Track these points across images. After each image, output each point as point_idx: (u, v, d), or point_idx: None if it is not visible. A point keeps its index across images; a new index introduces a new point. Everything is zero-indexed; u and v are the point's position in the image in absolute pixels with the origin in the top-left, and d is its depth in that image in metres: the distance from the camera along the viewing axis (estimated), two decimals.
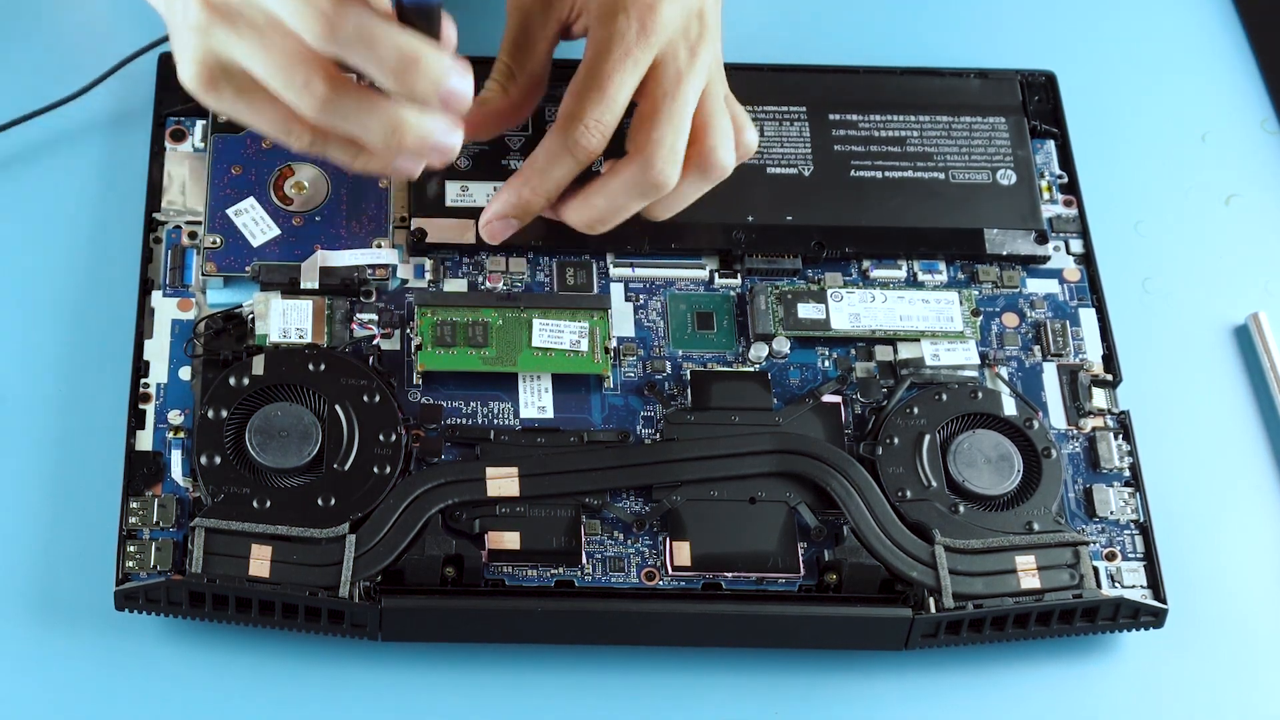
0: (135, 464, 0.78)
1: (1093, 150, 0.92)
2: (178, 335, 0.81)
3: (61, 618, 0.76)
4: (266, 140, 0.85)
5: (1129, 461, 0.82)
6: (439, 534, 0.76)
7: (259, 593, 0.74)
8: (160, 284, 0.83)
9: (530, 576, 0.77)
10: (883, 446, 0.80)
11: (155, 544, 0.76)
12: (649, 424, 0.82)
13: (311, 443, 0.78)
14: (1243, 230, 0.92)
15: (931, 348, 0.84)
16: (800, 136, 0.89)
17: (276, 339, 0.81)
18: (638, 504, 0.79)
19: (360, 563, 0.75)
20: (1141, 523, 0.81)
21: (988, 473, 0.80)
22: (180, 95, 0.87)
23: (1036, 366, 0.85)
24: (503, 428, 0.80)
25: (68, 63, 0.90)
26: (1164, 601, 0.79)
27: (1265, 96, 0.97)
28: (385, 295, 0.83)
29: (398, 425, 0.78)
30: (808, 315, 0.84)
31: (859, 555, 0.77)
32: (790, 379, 0.83)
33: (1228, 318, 0.89)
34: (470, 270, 0.85)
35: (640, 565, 0.78)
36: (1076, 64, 0.94)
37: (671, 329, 0.84)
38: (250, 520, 0.75)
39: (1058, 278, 0.87)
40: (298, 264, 0.82)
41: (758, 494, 0.79)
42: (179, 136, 0.87)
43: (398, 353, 0.82)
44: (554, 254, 0.85)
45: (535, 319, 0.82)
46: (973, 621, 0.77)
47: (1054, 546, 0.78)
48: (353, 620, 0.75)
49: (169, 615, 0.75)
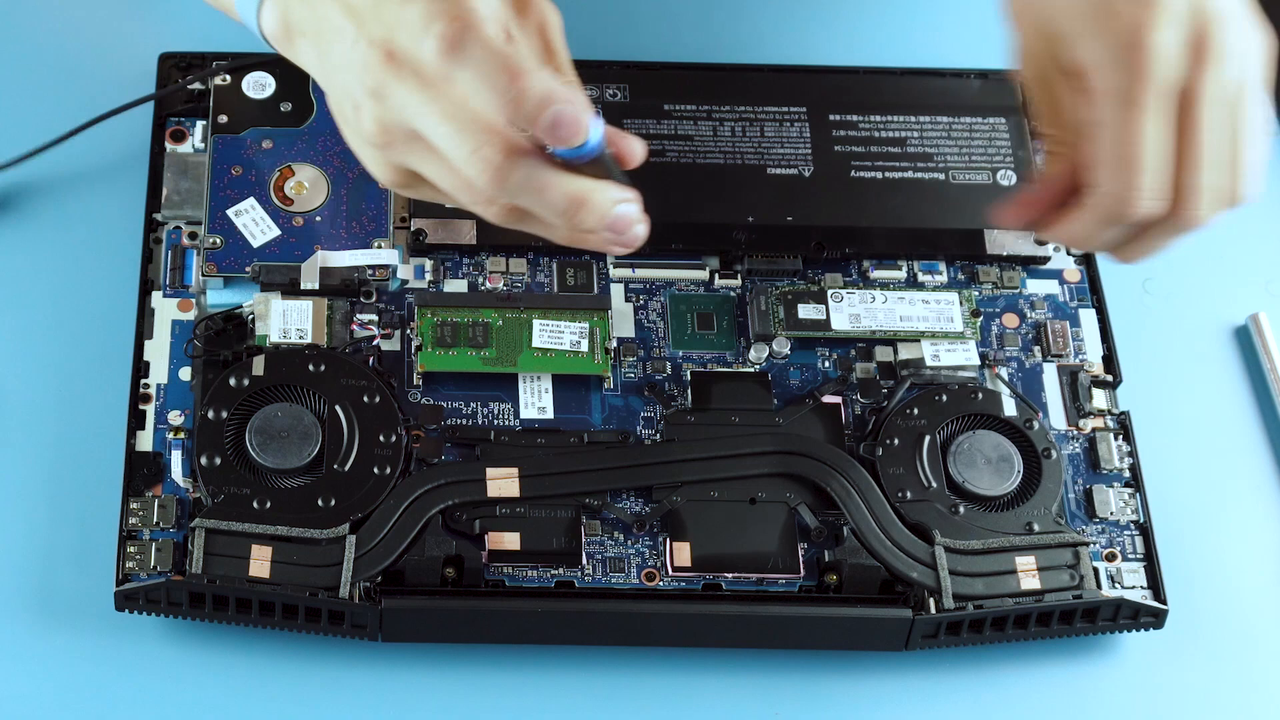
0: (135, 464, 0.78)
1: None
2: (178, 336, 0.81)
3: (61, 618, 0.76)
4: (267, 140, 0.85)
5: (1129, 462, 0.82)
6: (439, 534, 0.76)
7: (259, 593, 0.74)
8: (160, 284, 0.83)
9: (530, 577, 0.77)
10: (883, 447, 0.80)
11: (155, 544, 0.76)
12: (649, 424, 0.82)
13: (311, 443, 0.78)
14: (1243, 230, 0.92)
15: (931, 348, 0.84)
16: (800, 137, 0.89)
17: (276, 339, 0.81)
18: (638, 504, 0.79)
19: (360, 563, 0.75)
20: (1141, 523, 0.81)
21: (988, 473, 0.80)
22: (180, 95, 0.88)
23: (1036, 367, 0.85)
24: (503, 428, 0.80)
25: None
26: (1164, 602, 0.79)
27: None
28: (385, 296, 0.83)
29: (398, 426, 0.78)
30: (808, 316, 0.84)
31: (859, 556, 0.77)
32: (790, 379, 0.83)
33: (1228, 318, 0.89)
34: (470, 271, 0.85)
35: (640, 566, 0.78)
36: None
37: (672, 329, 0.84)
38: (250, 521, 0.75)
39: (1058, 278, 0.87)
40: (298, 264, 0.82)
41: (758, 494, 0.79)
42: (179, 137, 0.87)
43: (398, 353, 0.82)
44: (554, 254, 0.85)
45: (535, 319, 0.82)
46: (973, 622, 0.77)
47: (1054, 547, 0.78)
48: (353, 621, 0.75)
49: (169, 615, 0.75)
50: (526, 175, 0.66)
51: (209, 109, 0.86)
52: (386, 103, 0.67)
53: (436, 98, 0.66)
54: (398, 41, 0.67)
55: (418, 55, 0.66)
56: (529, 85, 0.65)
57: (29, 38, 0.92)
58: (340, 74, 0.69)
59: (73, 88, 0.90)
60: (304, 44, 0.72)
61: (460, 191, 0.68)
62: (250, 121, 0.86)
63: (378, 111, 0.67)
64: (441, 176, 0.68)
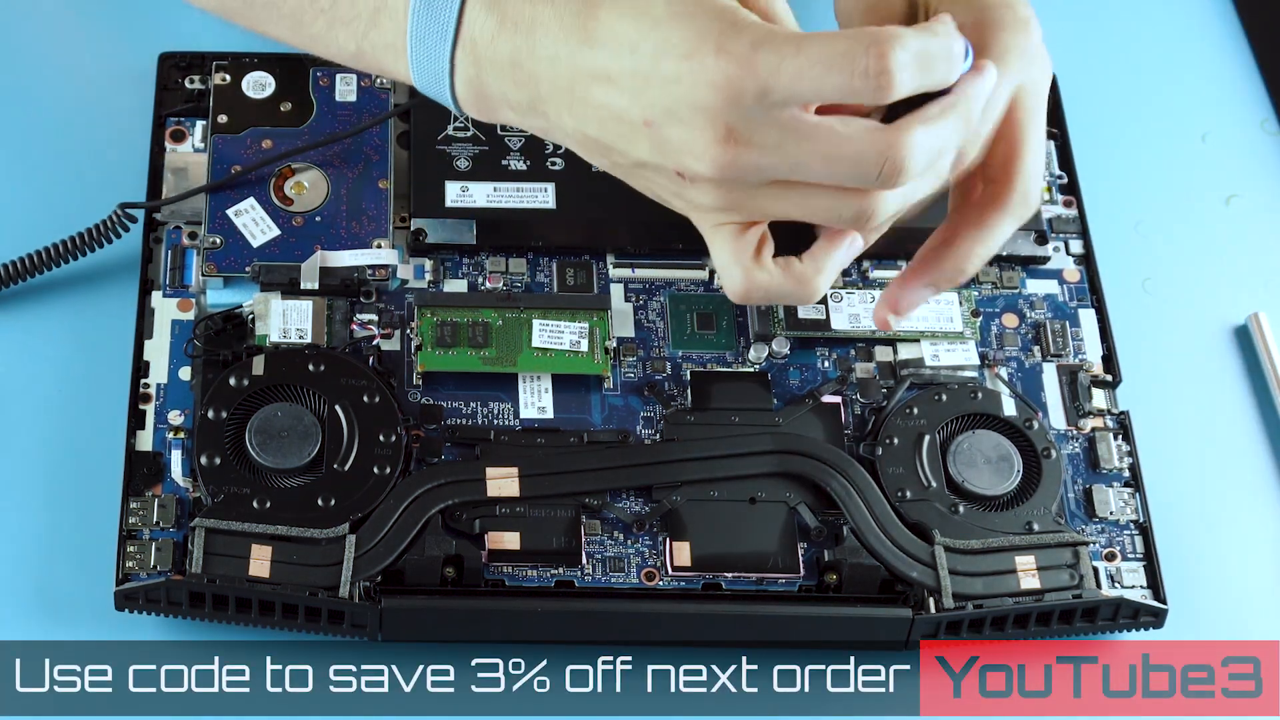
0: (135, 464, 0.78)
1: (1093, 150, 0.92)
2: (178, 335, 0.81)
3: (61, 618, 0.76)
4: (267, 140, 0.85)
5: (1129, 462, 0.82)
6: (439, 534, 0.76)
7: (259, 593, 0.74)
8: (160, 284, 0.83)
9: (530, 576, 0.77)
10: (882, 447, 0.80)
11: (155, 544, 0.76)
12: (649, 424, 0.82)
13: (311, 443, 0.78)
14: (1243, 230, 0.92)
15: (931, 348, 0.84)
16: None
17: (276, 339, 0.81)
18: (638, 504, 0.79)
19: (360, 563, 0.75)
20: (1141, 523, 0.81)
21: (988, 473, 0.80)
22: (180, 95, 0.88)
23: (1036, 367, 0.85)
24: (503, 428, 0.80)
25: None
26: (1164, 602, 0.79)
27: (1265, 96, 0.97)
28: (385, 295, 0.83)
29: (398, 425, 0.78)
30: (808, 315, 0.84)
31: (859, 555, 0.77)
32: (790, 379, 0.83)
33: (1228, 318, 0.89)
34: (470, 271, 0.85)
35: (640, 565, 0.78)
36: (1076, 64, 0.94)
37: (672, 329, 0.84)
38: (250, 520, 0.76)
39: (1057, 278, 0.87)
40: (298, 264, 0.82)
41: (758, 494, 0.79)
42: (179, 137, 0.87)
43: (398, 353, 0.82)
44: (554, 254, 0.85)
45: (535, 319, 0.82)
46: (973, 622, 0.77)
47: (1054, 547, 0.78)
48: (353, 620, 0.75)
49: (169, 615, 0.75)
50: (925, 142, 0.66)
51: (209, 109, 0.86)
52: (739, 179, 0.66)
53: (808, 145, 0.65)
54: (736, 116, 0.65)
55: (820, 102, 0.65)
56: (953, 33, 0.65)
57: (29, 37, 0.92)
58: (629, 153, 0.68)
59: (73, 88, 0.90)
60: (522, 117, 0.71)
61: (827, 212, 0.68)
62: (250, 121, 0.86)
63: (718, 190, 0.67)
64: (800, 208, 0.68)
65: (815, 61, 0.64)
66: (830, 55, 0.64)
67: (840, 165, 0.66)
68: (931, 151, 0.66)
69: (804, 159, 0.66)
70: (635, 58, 0.66)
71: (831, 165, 0.66)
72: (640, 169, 0.69)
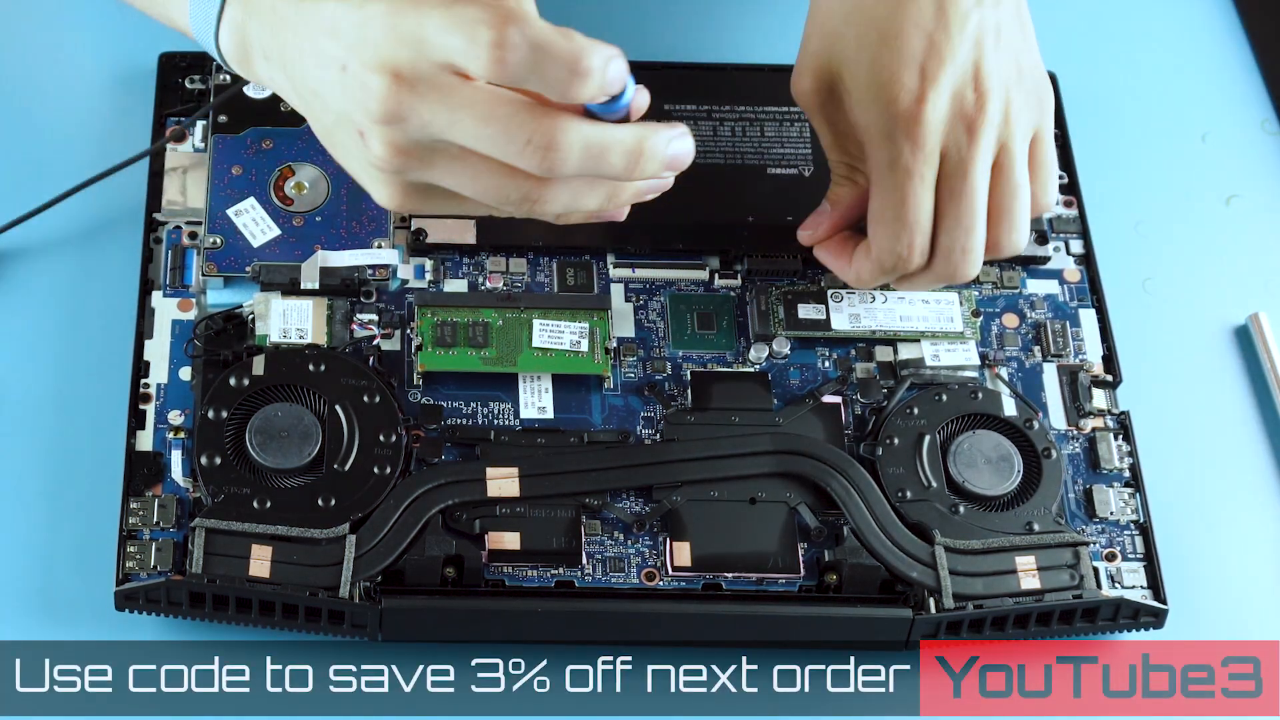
0: (135, 464, 0.78)
1: (1093, 150, 0.92)
2: (178, 335, 0.81)
3: (61, 618, 0.76)
4: (267, 140, 0.85)
5: (1129, 462, 0.82)
6: (439, 534, 0.76)
7: (259, 593, 0.74)
8: (160, 284, 0.83)
9: (530, 577, 0.77)
10: (883, 447, 0.80)
11: (155, 544, 0.76)
12: (649, 424, 0.82)
13: (312, 443, 0.78)
14: (1243, 230, 0.92)
15: (931, 348, 0.84)
16: (800, 137, 0.89)
17: (276, 339, 0.81)
18: (638, 504, 0.79)
19: (360, 563, 0.75)
20: (1141, 523, 0.81)
21: (988, 473, 0.80)
22: (180, 95, 0.88)
23: (1036, 367, 0.85)
24: (503, 428, 0.80)
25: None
26: (1164, 602, 0.79)
27: (1265, 96, 0.97)
28: (385, 295, 0.83)
29: (398, 425, 0.78)
30: (808, 315, 0.84)
31: (859, 556, 0.77)
32: (790, 379, 0.83)
33: (1228, 318, 0.89)
34: (470, 270, 0.85)
35: (640, 565, 0.78)
36: (1076, 64, 0.94)
37: (672, 329, 0.84)
38: (250, 520, 0.76)
39: (1058, 278, 0.87)
40: (298, 264, 0.82)
41: (758, 494, 0.79)
42: (179, 137, 0.87)
43: (398, 353, 0.82)
44: (554, 254, 0.85)
45: (535, 319, 0.82)
46: (973, 622, 0.77)
47: (1054, 547, 0.78)
48: (353, 620, 0.75)
49: (169, 615, 0.75)
50: (584, 143, 0.66)
51: (209, 109, 0.86)
52: (405, 124, 0.66)
53: (466, 105, 0.65)
54: (404, 59, 0.66)
55: (456, 66, 0.65)
56: (588, 49, 0.65)
57: (29, 37, 0.92)
58: (329, 101, 0.68)
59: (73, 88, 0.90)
60: (268, 66, 0.71)
61: (496, 191, 0.68)
62: (250, 121, 0.86)
63: (391, 135, 0.67)
64: (472, 183, 0.68)
65: (448, 20, 0.65)
66: (460, 19, 0.65)
67: (494, 126, 0.66)
68: (586, 150, 0.66)
69: (461, 116, 0.66)
70: (361, 8, 0.67)
71: (487, 125, 0.66)
72: (336, 130, 0.69)
